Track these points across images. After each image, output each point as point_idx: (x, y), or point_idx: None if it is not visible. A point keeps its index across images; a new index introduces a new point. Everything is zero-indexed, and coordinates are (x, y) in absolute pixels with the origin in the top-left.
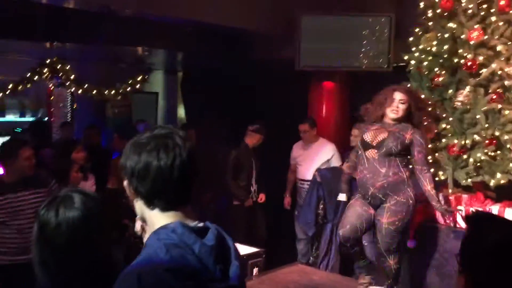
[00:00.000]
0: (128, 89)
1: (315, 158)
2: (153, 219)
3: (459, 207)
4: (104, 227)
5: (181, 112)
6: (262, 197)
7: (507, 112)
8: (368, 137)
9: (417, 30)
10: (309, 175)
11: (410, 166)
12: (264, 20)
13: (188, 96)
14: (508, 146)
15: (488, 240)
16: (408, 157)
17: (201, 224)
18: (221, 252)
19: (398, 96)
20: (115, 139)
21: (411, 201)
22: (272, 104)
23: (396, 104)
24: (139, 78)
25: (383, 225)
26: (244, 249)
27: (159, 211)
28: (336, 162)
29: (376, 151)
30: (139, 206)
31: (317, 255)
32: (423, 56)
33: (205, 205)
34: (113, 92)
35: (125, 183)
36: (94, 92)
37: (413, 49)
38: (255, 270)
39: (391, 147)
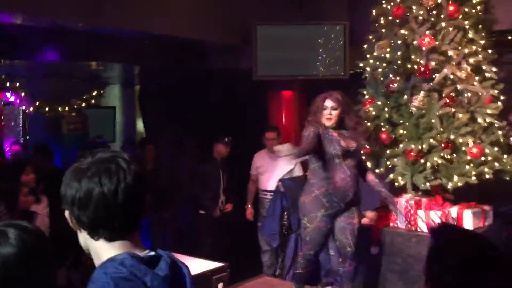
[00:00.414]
0: (83, 104)
1: (278, 168)
2: (99, 251)
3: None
4: (46, 262)
5: (140, 126)
6: (228, 207)
7: (460, 115)
8: (344, 144)
9: (370, 37)
10: (271, 186)
11: None
12: (220, 31)
13: (147, 110)
14: (463, 148)
15: (454, 254)
16: None
17: (152, 253)
18: (175, 282)
19: (329, 103)
20: (78, 157)
21: None
22: (231, 114)
23: (329, 112)
24: (94, 93)
25: (355, 226)
26: (208, 265)
27: (104, 242)
28: (298, 172)
29: (352, 158)
30: (82, 237)
31: (283, 266)
32: (378, 63)
33: (167, 221)
34: (67, 108)
35: (66, 213)
36: (47, 109)
37: (368, 56)
38: (220, 286)
39: (360, 153)
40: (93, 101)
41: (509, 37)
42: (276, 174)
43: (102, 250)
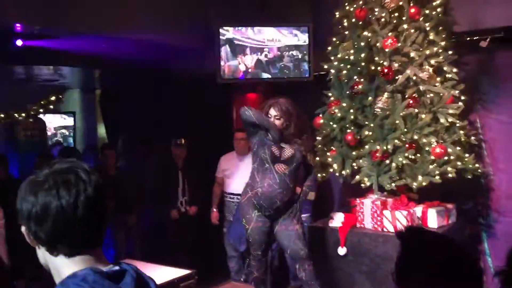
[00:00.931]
0: (41, 110)
1: (245, 171)
2: (59, 267)
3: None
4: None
5: (101, 131)
6: (192, 209)
7: (423, 116)
8: (276, 150)
9: (334, 39)
10: (239, 189)
11: None
12: (183, 33)
13: (108, 114)
14: (426, 148)
15: (422, 259)
16: None
17: (116, 267)
18: None
19: (273, 112)
20: (36, 164)
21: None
22: (196, 118)
23: (272, 119)
24: (52, 98)
25: (299, 231)
26: (174, 272)
27: (64, 258)
28: None
29: (285, 166)
30: (41, 253)
31: (249, 271)
32: (342, 64)
33: (132, 226)
34: (23, 114)
35: (23, 229)
36: (2, 115)
37: (332, 58)
38: None
39: (298, 159)
40: (51, 106)
41: (468, 38)
42: (243, 177)
43: (62, 267)
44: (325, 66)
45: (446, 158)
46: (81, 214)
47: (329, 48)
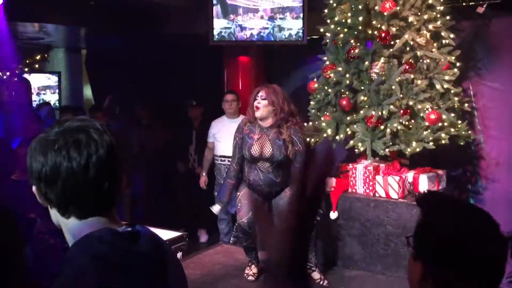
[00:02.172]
0: (26, 69)
1: None
2: (71, 229)
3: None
4: None
5: (87, 92)
6: (199, 169)
7: (419, 82)
8: (255, 150)
9: (331, 1)
10: (229, 151)
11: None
12: None
13: (95, 76)
14: (421, 115)
15: (446, 226)
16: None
17: (129, 228)
18: (157, 259)
19: (260, 93)
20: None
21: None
22: (186, 80)
23: (258, 101)
24: (38, 57)
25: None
26: (166, 234)
27: (76, 219)
28: None
29: (268, 164)
30: (53, 213)
31: (238, 238)
32: (339, 28)
33: (122, 191)
34: (8, 73)
35: (33, 188)
36: None
37: (328, 21)
38: (179, 255)
39: (279, 159)
40: (36, 66)
41: (464, 4)
42: None
43: (75, 228)
44: (321, 30)
45: (440, 124)
46: (92, 176)
47: (325, 10)
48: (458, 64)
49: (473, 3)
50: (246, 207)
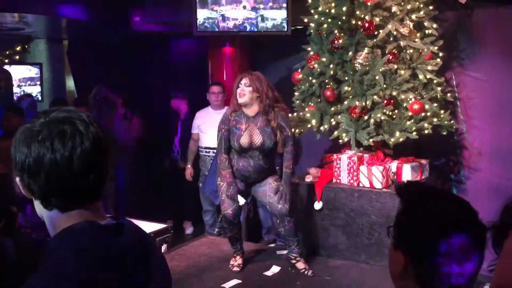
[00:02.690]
0: (6, 60)
1: None
2: (54, 221)
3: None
4: None
5: (70, 84)
6: (182, 164)
7: (402, 72)
8: (244, 141)
9: None
10: (214, 143)
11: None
12: None
13: (77, 66)
14: (404, 105)
15: (426, 214)
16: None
17: (113, 221)
18: (141, 251)
19: (243, 80)
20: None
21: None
22: (170, 71)
23: (242, 87)
24: (18, 48)
25: (273, 183)
26: (150, 226)
27: (58, 212)
28: None
29: (258, 152)
30: (37, 205)
31: (222, 229)
32: (322, 18)
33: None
34: None
35: (17, 179)
36: None
37: (312, 11)
38: (164, 247)
39: (269, 147)
40: (17, 57)
41: None
42: None
43: (57, 220)
44: (305, 20)
45: (423, 114)
46: (76, 168)
47: (309, 0)
48: (441, 54)
49: None
50: (231, 195)
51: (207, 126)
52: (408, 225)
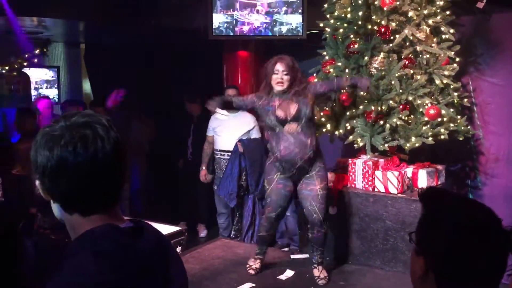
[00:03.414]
0: (25, 63)
1: (236, 127)
2: (74, 225)
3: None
4: None
5: (86, 87)
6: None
7: (418, 77)
8: (280, 113)
9: None
10: (229, 146)
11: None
12: None
13: (94, 70)
14: (420, 110)
15: (448, 221)
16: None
17: (132, 224)
18: (160, 254)
19: (280, 67)
20: (17, 119)
21: (325, 166)
22: (186, 75)
23: (280, 76)
24: (36, 51)
25: (318, 192)
26: (165, 229)
27: (79, 216)
28: (256, 134)
29: (296, 124)
30: (55, 207)
31: (239, 228)
32: (338, 23)
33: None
34: (7, 67)
35: (37, 182)
36: None
37: (328, 16)
38: (178, 249)
39: (306, 113)
40: (35, 60)
41: None
42: (234, 134)
43: (78, 224)
44: (321, 24)
45: (439, 119)
46: (98, 172)
47: (325, 5)
48: (457, 59)
49: None
50: (275, 200)
51: (222, 129)
52: (430, 231)
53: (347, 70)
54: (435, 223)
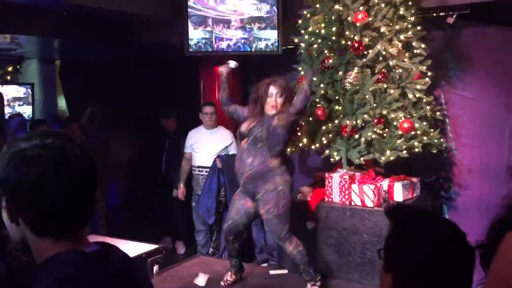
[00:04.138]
0: None
1: (214, 144)
2: (44, 249)
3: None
4: None
5: (61, 103)
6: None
7: (392, 91)
8: (243, 127)
9: (305, 12)
10: (207, 162)
11: (280, 156)
12: (150, 4)
13: (69, 86)
14: (394, 124)
15: (414, 238)
16: (279, 146)
17: (97, 247)
18: (126, 278)
19: (274, 90)
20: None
21: (280, 187)
22: (161, 91)
23: (274, 99)
24: (9, 69)
25: (263, 216)
26: (142, 247)
27: (51, 240)
28: (234, 150)
29: (245, 140)
30: (18, 230)
31: (216, 245)
32: (313, 38)
33: (97, 201)
34: None
35: (3, 205)
36: None
37: (302, 31)
38: (155, 268)
39: (257, 134)
40: (8, 77)
41: (434, 14)
42: (212, 150)
43: (47, 248)
44: (296, 40)
45: (413, 133)
46: (76, 193)
47: (299, 21)
48: (429, 73)
49: (443, 13)
50: (231, 211)
51: (199, 145)
52: (397, 247)
53: (322, 85)
54: (401, 240)
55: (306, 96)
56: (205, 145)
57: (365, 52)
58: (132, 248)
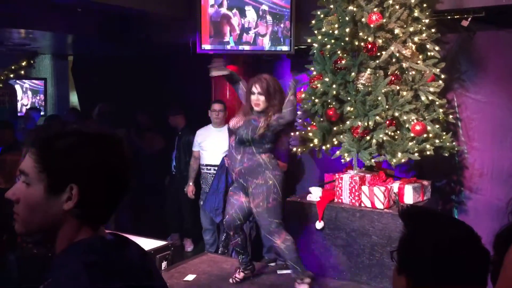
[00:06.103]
0: (12, 75)
1: (223, 142)
2: (72, 234)
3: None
4: None
5: (73, 99)
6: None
7: (404, 93)
8: (232, 122)
9: (319, 13)
10: (216, 160)
11: (269, 152)
12: (163, 1)
13: (81, 82)
14: (406, 126)
15: (429, 240)
16: (267, 145)
17: (111, 236)
18: (144, 266)
19: (256, 89)
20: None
21: (270, 181)
22: (173, 89)
23: (256, 97)
24: (23, 63)
25: (253, 210)
26: (151, 243)
27: (87, 226)
28: None
29: (233, 137)
30: (45, 207)
31: (226, 244)
32: (326, 39)
33: None
34: None
35: (74, 190)
36: None
37: (316, 32)
38: (164, 264)
39: (242, 135)
40: (22, 72)
41: (449, 17)
42: (221, 148)
43: (71, 233)
44: (309, 40)
45: (425, 135)
46: (124, 181)
47: (313, 21)
48: (442, 76)
49: (458, 16)
50: (227, 207)
51: (207, 144)
52: (411, 249)
53: (334, 86)
54: (416, 242)
55: (294, 108)
56: (213, 143)
57: (378, 54)
58: (142, 244)
